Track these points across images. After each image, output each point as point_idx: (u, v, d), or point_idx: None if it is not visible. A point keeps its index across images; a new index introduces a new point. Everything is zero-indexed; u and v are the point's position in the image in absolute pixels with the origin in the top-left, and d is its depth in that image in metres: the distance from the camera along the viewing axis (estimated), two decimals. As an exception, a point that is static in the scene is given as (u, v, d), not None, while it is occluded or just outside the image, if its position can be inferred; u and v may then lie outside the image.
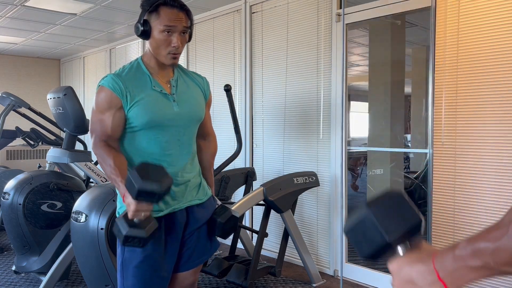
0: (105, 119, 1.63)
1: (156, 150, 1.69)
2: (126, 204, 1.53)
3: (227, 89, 3.23)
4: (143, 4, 1.67)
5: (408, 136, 6.28)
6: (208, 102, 1.90)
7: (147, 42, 1.70)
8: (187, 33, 1.70)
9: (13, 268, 3.52)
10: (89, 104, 7.01)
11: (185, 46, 4.87)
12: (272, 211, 3.26)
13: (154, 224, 1.54)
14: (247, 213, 4.33)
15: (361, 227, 0.79)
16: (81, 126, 3.38)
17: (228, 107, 3.32)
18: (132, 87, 1.64)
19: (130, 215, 1.50)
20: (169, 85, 1.74)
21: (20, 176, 3.42)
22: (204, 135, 1.95)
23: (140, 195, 1.44)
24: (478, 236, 0.68)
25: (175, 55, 1.68)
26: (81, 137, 4.23)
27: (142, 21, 1.65)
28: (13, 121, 4.96)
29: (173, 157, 1.72)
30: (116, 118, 1.63)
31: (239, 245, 3.75)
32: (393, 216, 0.78)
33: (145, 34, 1.66)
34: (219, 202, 1.96)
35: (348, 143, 3.60)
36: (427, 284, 0.72)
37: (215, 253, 2.60)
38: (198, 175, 1.86)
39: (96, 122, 1.65)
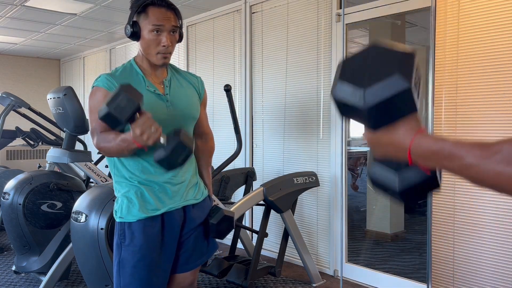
0: None
1: (150, 152, 1.64)
2: (134, 132, 1.44)
3: (227, 89, 3.23)
4: (132, 6, 1.67)
5: (408, 136, 6.27)
6: (203, 101, 1.89)
7: (138, 44, 1.70)
8: (177, 33, 1.70)
9: (13, 268, 3.52)
10: (89, 104, 7.00)
11: (185, 46, 4.84)
12: (272, 211, 3.26)
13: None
14: (247, 213, 4.32)
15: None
16: (81, 126, 3.38)
17: (228, 107, 3.32)
18: None
19: (141, 142, 1.45)
20: (162, 86, 1.72)
21: (20, 176, 3.42)
22: (201, 134, 1.94)
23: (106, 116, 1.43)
24: (462, 145, 0.76)
25: (166, 55, 1.67)
26: (81, 137, 4.22)
27: (131, 23, 1.65)
28: (13, 121, 4.96)
29: None
30: None
31: (239, 245, 3.75)
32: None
33: (135, 35, 1.66)
34: (214, 202, 1.96)
35: (348, 143, 3.61)
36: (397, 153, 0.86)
37: (215, 253, 2.60)
38: (195, 174, 1.85)
39: (96, 122, 1.63)
